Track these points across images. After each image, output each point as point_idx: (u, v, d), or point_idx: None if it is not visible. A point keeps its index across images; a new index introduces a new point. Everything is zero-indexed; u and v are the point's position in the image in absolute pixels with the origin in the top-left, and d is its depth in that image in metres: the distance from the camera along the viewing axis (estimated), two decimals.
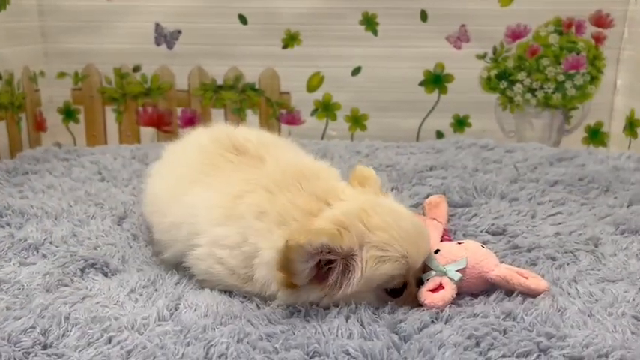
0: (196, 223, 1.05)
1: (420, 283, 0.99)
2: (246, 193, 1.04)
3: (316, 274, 0.91)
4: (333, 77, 2.17)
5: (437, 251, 1.04)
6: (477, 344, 0.85)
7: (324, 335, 0.88)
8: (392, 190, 1.61)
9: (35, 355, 0.84)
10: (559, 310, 0.94)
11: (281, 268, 0.90)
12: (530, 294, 0.97)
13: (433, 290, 0.97)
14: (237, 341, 0.86)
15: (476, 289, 1.00)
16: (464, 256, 1.00)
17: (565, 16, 2.10)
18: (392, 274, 0.93)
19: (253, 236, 0.98)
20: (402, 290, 0.96)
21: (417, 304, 0.96)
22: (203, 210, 1.05)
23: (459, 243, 1.06)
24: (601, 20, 2.09)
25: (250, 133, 1.27)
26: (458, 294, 0.98)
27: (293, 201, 0.99)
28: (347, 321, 0.91)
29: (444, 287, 0.97)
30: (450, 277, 0.98)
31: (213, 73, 2.18)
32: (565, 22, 2.10)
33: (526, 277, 0.98)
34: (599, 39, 2.11)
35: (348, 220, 0.93)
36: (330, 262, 0.91)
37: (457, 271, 0.98)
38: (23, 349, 0.85)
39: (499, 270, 0.99)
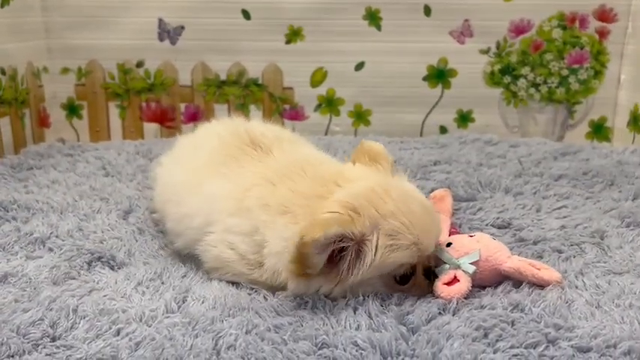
0: (211, 213, 1.06)
1: (428, 271, 0.99)
2: (253, 186, 1.05)
3: (328, 262, 0.90)
4: (337, 72, 2.17)
5: (449, 244, 1.04)
6: (485, 335, 0.85)
7: (332, 327, 0.88)
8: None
9: (44, 347, 0.84)
10: (567, 302, 0.94)
11: (296, 263, 0.89)
12: (543, 285, 0.97)
13: (448, 284, 0.97)
14: (246, 333, 0.87)
15: (489, 281, 1.00)
16: (477, 248, 1.00)
17: (569, 10, 2.09)
18: (402, 262, 0.92)
19: (261, 227, 0.99)
20: (409, 277, 0.96)
21: (424, 292, 0.96)
22: (219, 201, 1.06)
23: (471, 236, 1.06)
24: (605, 15, 2.09)
25: (267, 128, 1.28)
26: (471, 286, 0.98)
27: (294, 188, 0.99)
28: (355, 312, 0.91)
29: (459, 280, 0.97)
30: (464, 270, 0.98)
31: (216, 69, 2.18)
32: (569, 16, 2.10)
33: (538, 269, 0.98)
34: (603, 33, 2.10)
35: (358, 203, 0.90)
36: (343, 249, 0.89)
37: (470, 263, 0.98)
38: (32, 340, 0.85)
39: (512, 262, 1.00)
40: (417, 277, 0.96)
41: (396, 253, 0.91)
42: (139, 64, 2.18)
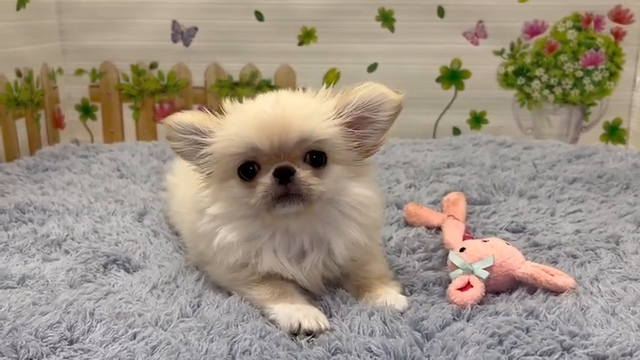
0: None
1: (283, 172, 0.94)
2: None
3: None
4: (350, 74, 2.17)
5: (462, 249, 1.03)
6: (500, 342, 0.85)
7: (346, 332, 0.88)
8: (410, 187, 1.61)
9: (62, 350, 0.86)
10: (582, 309, 0.94)
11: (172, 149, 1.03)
12: (557, 291, 0.97)
13: (462, 289, 0.97)
14: (261, 338, 0.87)
15: (502, 287, 1.00)
16: (490, 254, 1.00)
17: (584, 11, 2.07)
18: (235, 152, 0.96)
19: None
20: (253, 173, 0.96)
21: (271, 189, 0.93)
22: None
23: (484, 241, 1.06)
24: (620, 15, 2.07)
25: None
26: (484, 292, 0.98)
27: None
28: (369, 318, 0.91)
29: (472, 286, 0.96)
30: (477, 276, 0.98)
31: (229, 70, 2.19)
32: (584, 17, 2.08)
33: (552, 275, 0.98)
34: (618, 34, 2.08)
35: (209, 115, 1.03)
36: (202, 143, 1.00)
37: (484, 269, 0.98)
38: (50, 344, 0.86)
39: (526, 268, 0.99)
40: (262, 174, 0.96)
41: (228, 142, 0.96)
42: (153, 66, 2.19)
